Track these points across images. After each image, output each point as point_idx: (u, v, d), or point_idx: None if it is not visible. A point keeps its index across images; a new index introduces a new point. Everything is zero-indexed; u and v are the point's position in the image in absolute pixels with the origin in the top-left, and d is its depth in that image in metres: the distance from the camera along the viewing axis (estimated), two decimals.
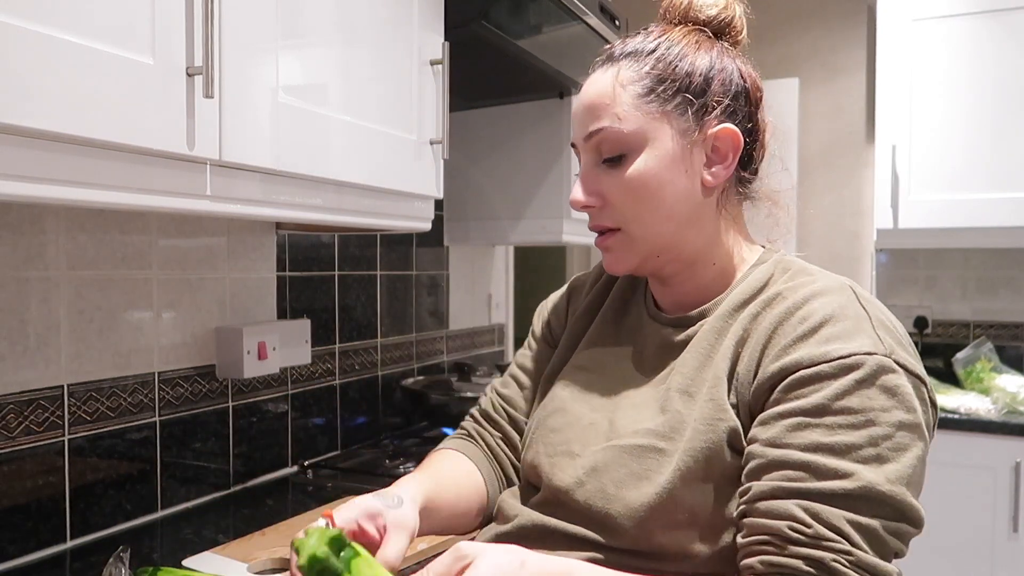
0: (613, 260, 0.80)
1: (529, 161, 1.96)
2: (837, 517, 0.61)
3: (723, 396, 0.70)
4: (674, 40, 0.77)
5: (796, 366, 0.66)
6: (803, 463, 0.63)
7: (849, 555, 0.60)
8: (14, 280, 1.05)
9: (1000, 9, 2.12)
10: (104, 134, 0.72)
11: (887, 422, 0.63)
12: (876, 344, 0.65)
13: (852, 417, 0.63)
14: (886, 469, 0.62)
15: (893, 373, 0.64)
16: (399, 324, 1.89)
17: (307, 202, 1.03)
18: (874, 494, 0.61)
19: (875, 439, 0.62)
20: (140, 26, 0.76)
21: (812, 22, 2.66)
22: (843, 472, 0.61)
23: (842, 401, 0.63)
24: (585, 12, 1.55)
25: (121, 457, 1.19)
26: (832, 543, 0.60)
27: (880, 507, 0.61)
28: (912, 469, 0.63)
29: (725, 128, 0.75)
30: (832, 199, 2.66)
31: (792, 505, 0.62)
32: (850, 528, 0.60)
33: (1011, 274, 2.42)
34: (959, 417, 2.00)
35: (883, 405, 0.63)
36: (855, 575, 0.59)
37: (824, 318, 0.67)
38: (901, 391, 0.64)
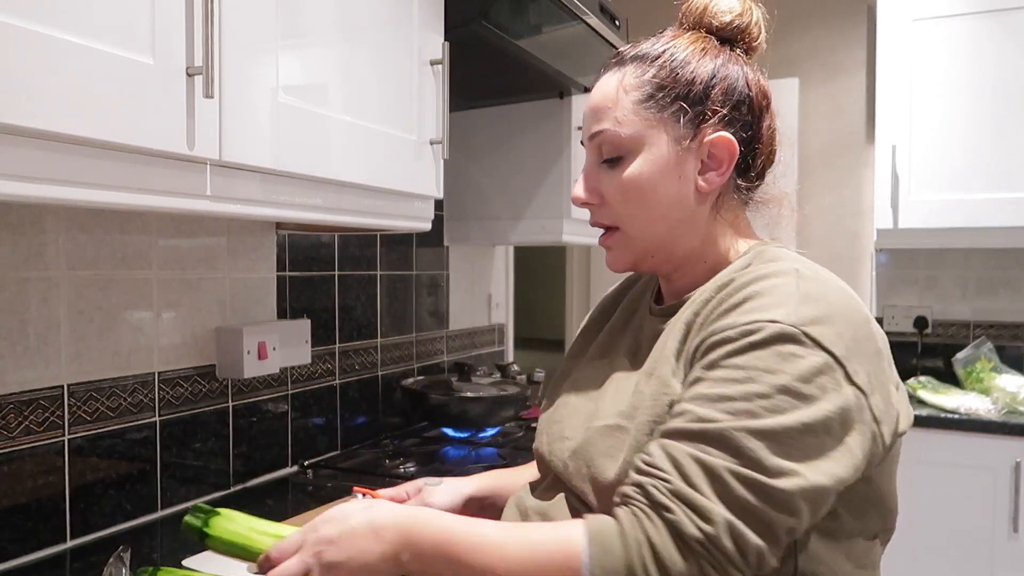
0: (612, 258, 0.84)
1: (529, 161, 1.96)
2: (680, 452, 0.63)
3: (667, 373, 0.73)
4: (680, 47, 0.79)
5: (710, 335, 0.68)
6: (681, 410, 0.66)
7: (667, 483, 0.61)
8: (14, 280, 1.05)
9: (1000, 9, 2.12)
10: (104, 134, 0.72)
11: (769, 383, 0.62)
12: (787, 315, 0.65)
13: (735, 372, 0.64)
14: (750, 424, 0.61)
15: (794, 343, 0.63)
16: (399, 324, 1.89)
17: (307, 202, 1.03)
18: (726, 438, 0.61)
19: (750, 395, 0.62)
20: (140, 26, 0.76)
21: (812, 22, 2.66)
22: (708, 417, 0.63)
23: (731, 359, 0.65)
24: (585, 12, 1.55)
25: (121, 457, 1.19)
26: (659, 472, 0.63)
27: (732, 452, 0.61)
28: (785, 431, 0.61)
29: (721, 136, 0.77)
30: (832, 199, 2.66)
31: (654, 443, 0.66)
32: (689, 462, 0.61)
33: (1011, 274, 2.42)
34: (959, 417, 2.00)
35: (769, 367, 0.63)
36: (665, 500, 0.61)
37: (749, 294, 0.69)
38: (795, 359, 0.63)
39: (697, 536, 0.59)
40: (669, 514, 0.60)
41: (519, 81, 1.79)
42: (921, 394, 2.17)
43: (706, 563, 0.59)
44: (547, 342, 3.86)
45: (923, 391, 2.18)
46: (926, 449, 2.01)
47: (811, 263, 0.76)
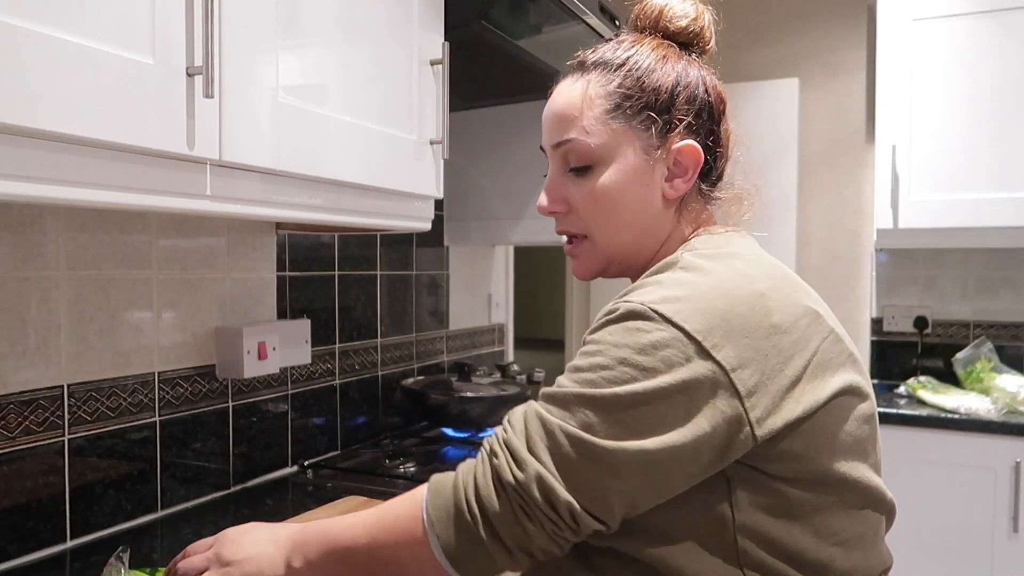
0: (578, 266, 0.85)
1: (529, 161, 1.96)
2: (531, 409, 0.69)
3: None
4: (643, 54, 0.79)
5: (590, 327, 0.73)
6: None
7: (505, 433, 0.69)
8: (14, 280, 1.05)
9: (1000, 9, 2.12)
10: (104, 134, 0.72)
11: (612, 356, 0.66)
12: (643, 296, 0.68)
13: (590, 346, 0.69)
14: (589, 390, 0.66)
15: (643, 319, 0.66)
16: (399, 324, 1.89)
17: (307, 202, 1.03)
18: (568, 400, 0.66)
19: (595, 366, 0.67)
20: (140, 26, 0.76)
21: (812, 22, 2.66)
22: (561, 384, 0.68)
23: (592, 335, 0.70)
24: (585, 12, 1.55)
25: (121, 457, 1.19)
26: (507, 424, 0.70)
27: (568, 414, 0.66)
28: (618, 400, 0.64)
29: (687, 144, 0.77)
30: (832, 199, 2.66)
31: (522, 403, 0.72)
32: (532, 417, 0.68)
33: (1011, 274, 2.42)
34: (959, 417, 2.00)
35: (615, 341, 0.67)
36: (497, 449, 0.68)
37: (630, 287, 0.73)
38: (641, 332, 0.65)
39: (510, 481, 0.65)
40: (495, 459, 0.67)
41: (519, 81, 1.79)
42: (921, 394, 2.17)
43: (518, 508, 0.65)
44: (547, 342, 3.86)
45: (923, 391, 2.18)
46: (926, 449, 2.02)
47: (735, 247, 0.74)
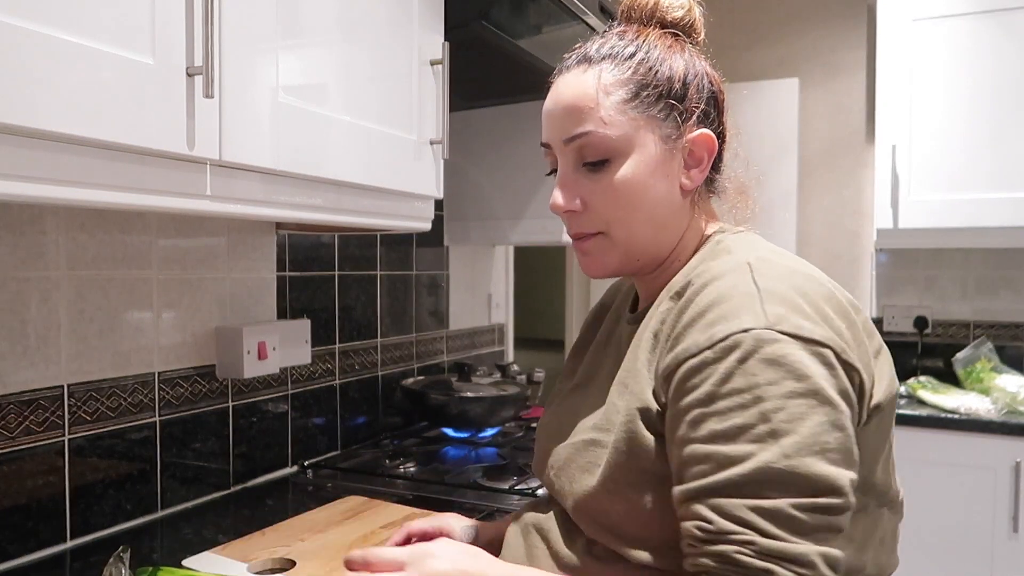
0: (591, 263, 0.80)
1: (529, 161, 1.96)
2: (738, 507, 0.60)
3: (642, 386, 0.71)
4: (651, 43, 0.78)
5: (685, 355, 0.66)
6: (704, 455, 0.62)
7: (752, 544, 0.59)
8: (14, 280, 1.05)
9: (1000, 9, 2.12)
10: (104, 134, 0.72)
11: (776, 395, 0.61)
12: (756, 319, 0.63)
13: (740, 398, 0.62)
14: (783, 444, 0.60)
15: (775, 344, 0.62)
16: (399, 324, 1.89)
17: (307, 202, 1.03)
18: (772, 474, 0.59)
19: (766, 415, 0.60)
20: (140, 26, 0.76)
21: (812, 22, 2.66)
22: (738, 457, 0.60)
23: (728, 384, 0.62)
24: (585, 12, 1.55)
25: (121, 457, 1.19)
26: (734, 535, 0.59)
27: (782, 487, 0.59)
28: (815, 437, 0.60)
29: (703, 134, 0.77)
30: (832, 199, 2.66)
31: (699, 505, 0.62)
32: (754, 515, 0.59)
33: (1011, 274, 2.42)
34: (959, 417, 2.00)
35: (769, 379, 0.61)
36: (761, 563, 0.58)
37: (710, 302, 0.67)
38: (787, 360, 0.61)
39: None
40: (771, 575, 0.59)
41: (519, 81, 1.79)
42: (921, 394, 2.17)
43: None
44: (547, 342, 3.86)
45: (923, 391, 2.18)
46: (926, 449, 2.01)
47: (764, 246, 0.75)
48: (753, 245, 0.75)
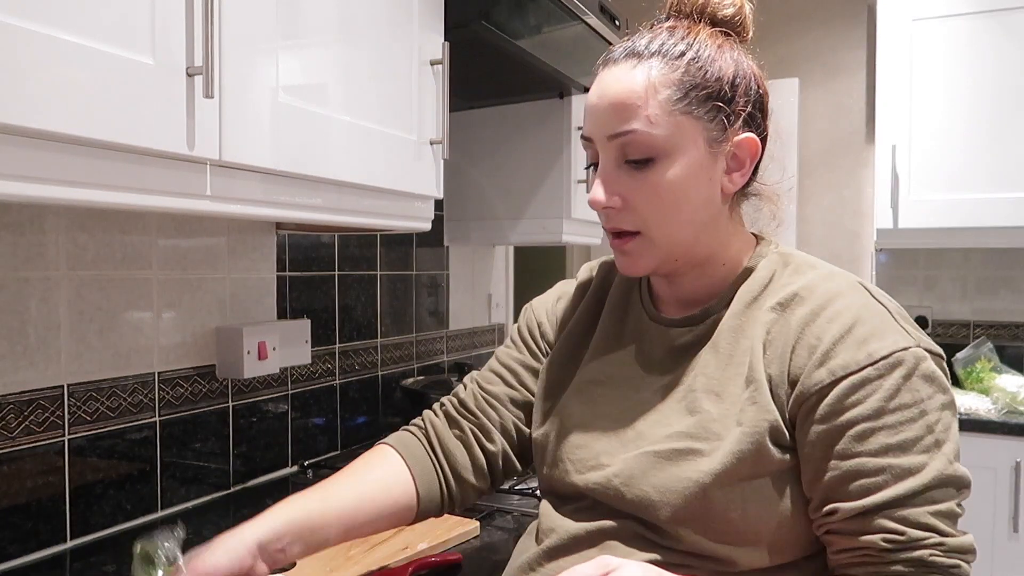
0: (631, 263, 0.79)
1: (529, 161, 1.96)
2: (923, 514, 0.65)
3: (766, 399, 0.71)
4: (702, 42, 0.76)
5: (843, 371, 0.68)
6: (878, 468, 0.66)
7: (941, 545, 0.65)
8: (14, 280, 1.05)
9: (1000, 9, 2.12)
10: (104, 134, 0.72)
11: (935, 407, 0.68)
12: (906, 337, 0.69)
13: (908, 412, 0.67)
14: (945, 451, 0.67)
15: (926, 361, 0.69)
16: (399, 324, 1.89)
17: (307, 202, 1.03)
18: (945, 479, 0.66)
19: (931, 426, 0.67)
20: (140, 26, 0.76)
21: (812, 22, 2.66)
22: (915, 467, 0.66)
23: (896, 399, 0.67)
24: (585, 12, 1.55)
25: (121, 457, 1.19)
26: (925, 540, 0.65)
27: (950, 489, 0.67)
28: (957, 442, 0.69)
29: (748, 137, 0.76)
30: (832, 199, 2.66)
31: (883, 518, 0.66)
32: (935, 519, 0.65)
33: (1011, 274, 2.42)
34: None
35: (928, 393, 0.68)
36: (950, 561, 0.65)
37: (853, 320, 0.70)
38: (936, 375, 0.69)
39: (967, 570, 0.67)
40: (958, 570, 0.66)
41: (519, 81, 1.79)
42: None
43: None
44: None
45: None
46: None
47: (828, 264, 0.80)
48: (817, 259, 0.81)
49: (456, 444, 0.91)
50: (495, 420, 0.92)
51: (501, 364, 0.96)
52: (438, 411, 0.95)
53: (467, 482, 0.90)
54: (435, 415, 0.95)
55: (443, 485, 0.90)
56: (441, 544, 1.11)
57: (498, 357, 0.97)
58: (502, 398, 0.93)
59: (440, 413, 0.95)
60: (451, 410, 0.94)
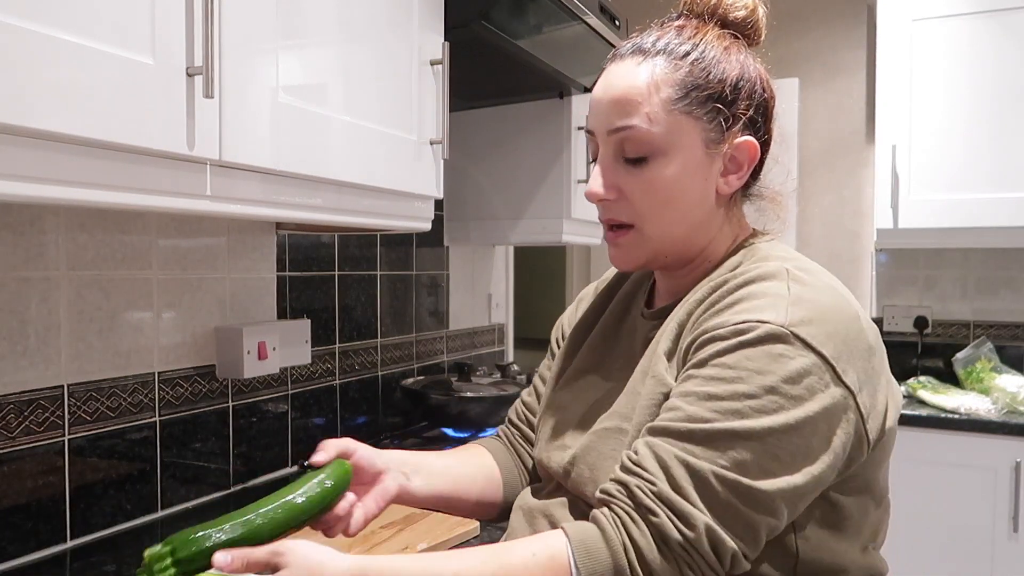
0: (621, 255, 0.80)
1: (529, 161, 1.96)
2: (667, 452, 0.63)
3: (662, 371, 0.73)
4: (709, 43, 0.76)
5: (702, 333, 0.69)
6: (670, 406, 0.67)
7: (653, 485, 0.62)
8: (14, 280, 1.05)
9: (1000, 9, 2.12)
10: (104, 134, 0.72)
11: (757, 384, 0.63)
12: (777, 316, 0.65)
13: (725, 371, 0.65)
14: (739, 423, 0.62)
15: (784, 343, 0.64)
16: (399, 324, 1.89)
17: (307, 202, 1.03)
18: (713, 437, 0.62)
19: (738, 394, 0.63)
20: (140, 26, 0.76)
21: (812, 22, 2.66)
22: (697, 416, 0.64)
23: (721, 357, 0.65)
24: (585, 12, 1.55)
25: (121, 457, 1.19)
26: (645, 472, 0.63)
27: (716, 454, 0.62)
28: (770, 432, 0.62)
29: (747, 141, 0.76)
30: (832, 199, 2.66)
31: (641, 441, 0.66)
32: (675, 463, 0.62)
33: (1011, 274, 2.42)
34: (959, 417, 2.00)
35: (759, 368, 0.63)
36: (650, 503, 0.62)
37: (741, 296, 0.69)
38: (785, 359, 0.63)
39: (679, 540, 0.61)
40: (654, 517, 0.61)
41: (519, 81, 1.79)
42: (921, 394, 2.17)
43: (685, 565, 0.61)
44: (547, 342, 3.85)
45: (923, 391, 2.18)
46: (926, 449, 2.01)
47: (802, 259, 0.76)
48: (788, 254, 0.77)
49: (523, 450, 0.98)
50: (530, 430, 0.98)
51: (538, 376, 1.01)
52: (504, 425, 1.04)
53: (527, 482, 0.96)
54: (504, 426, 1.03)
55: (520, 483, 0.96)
56: (441, 544, 1.11)
57: (538, 371, 1.02)
58: (535, 408, 0.98)
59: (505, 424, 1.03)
60: (507, 423, 1.02)
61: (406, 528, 1.17)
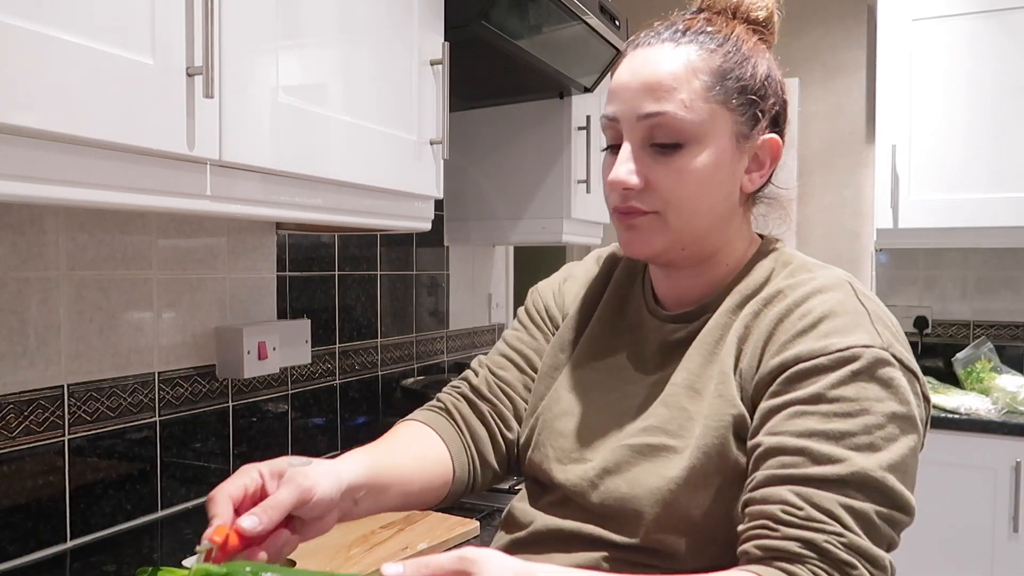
0: (637, 240, 0.76)
1: (529, 161, 1.96)
2: (830, 501, 0.61)
3: (732, 392, 0.71)
4: (741, 38, 0.75)
5: (795, 360, 0.67)
6: (798, 448, 0.63)
7: (841, 536, 0.60)
8: (14, 280, 1.05)
9: (1000, 9, 2.12)
10: (104, 134, 0.72)
11: (881, 412, 0.64)
12: (874, 338, 0.66)
13: (847, 405, 0.64)
14: (879, 457, 0.62)
15: (889, 366, 0.65)
16: (399, 324, 1.89)
17: (307, 202, 1.03)
18: (867, 479, 0.61)
19: (869, 427, 0.63)
20: (140, 26, 0.76)
21: (812, 22, 2.66)
22: (836, 457, 0.62)
23: (838, 390, 0.64)
24: (585, 12, 1.55)
25: (121, 457, 1.19)
26: (824, 524, 0.60)
27: (873, 493, 0.62)
28: (903, 459, 0.63)
29: (773, 138, 0.76)
30: (832, 199, 2.66)
31: (785, 490, 0.62)
32: (843, 511, 0.61)
33: (1011, 274, 2.42)
34: (959, 417, 2.00)
35: (878, 395, 0.64)
36: (847, 556, 0.59)
37: (823, 314, 0.68)
38: (896, 383, 0.65)
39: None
40: (854, 570, 0.60)
41: (519, 81, 1.79)
42: None
43: None
44: None
45: None
46: (926, 449, 2.00)
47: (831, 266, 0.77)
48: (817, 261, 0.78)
49: (480, 428, 0.88)
50: (509, 407, 0.90)
51: (511, 348, 0.93)
52: (455, 395, 0.92)
53: (490, 467, 0.88)
54: (455, 399, 0.91)
55: (471, 467, 0.87)
56: (441, 544, 1.11)
57: (507, 341, 0.94)
58: (515, 384, 0.91)
59: (459, 397, 0.92)
60: (468, 394, 0.91)
61: (406, 528, 1.17)
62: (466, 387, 0.92)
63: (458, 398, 0.92)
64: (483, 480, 0.89)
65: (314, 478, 0.67)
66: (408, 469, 0.80)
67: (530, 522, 0.80)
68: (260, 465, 0.69)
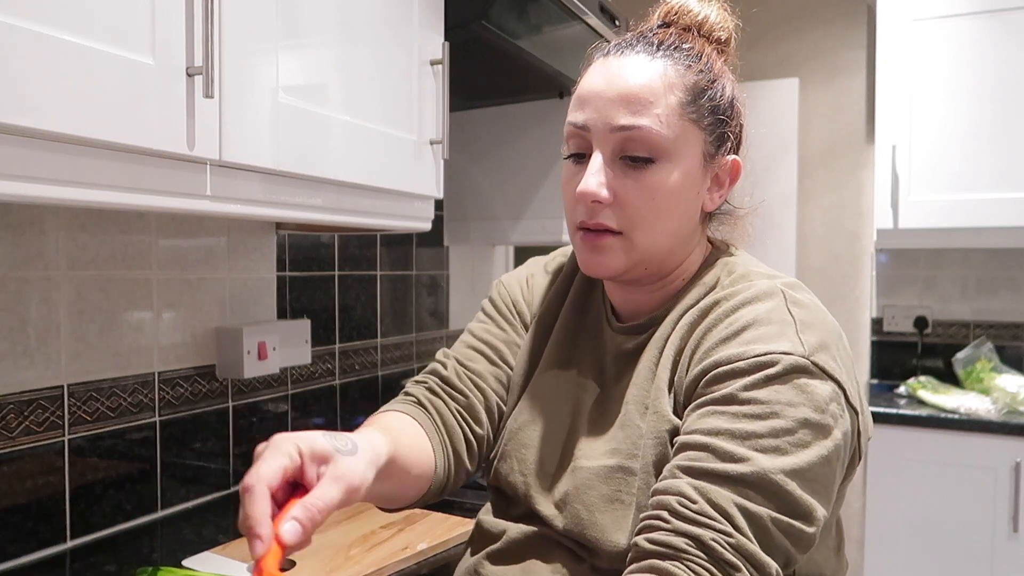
0: (601, 261, 0.75)
1: (529, 161, 1.96)
2: (725, 499, 0.60)
3: (665, 407, 0.71)
4: (710, 56, 0.75)
5: (715, 364, 0.67)
6: (702, 444, 0.63)
7: (730, 537, 0.59)
8: (14, 280, 1.05)
9: (1000, 9, 2.12)
10: (104, 134, 0.72)
11: (792, 417, 0.62)
12: (795, 346, 0.65)
13: (757, 407, 0.63)
14: (783, 460, 0.61)
15: (807, 375, 0.64)
16: (399, 324, 1.90)
17: (307, 202, 1.03)
18: (766, 481, 0.60)
19: (776, 431, 0.62)
20: (140, 26, 0.76)
21: (812, 22, 2.65)
22: (739, 456, 0.61)
23: (750, 392, 0.63)
24: (585, 12, 1.55)
25: (121, 457, 1.19)
26: (714, 522, 0.59)
27: (771, 497, 0.60)
28: (811, 466, 0.61)
29: (735, 160, 0.77)
30: (832, 199, 2.66)
31: (684, 483, 0.62)
32: (736, 511, 0.60)
33: (1011, 274, 2.42)
34: (959, 417, 2.00)
35: (790, 400, 0.63)
36: (732, 557, 0.58)
37: (747, 322, 0.68)
38: (811, 391, 0.63)
39: None
40: (737, 572, 0.58)
41: (519, 81, 1.79)
42: (921, 394, 2.17)
43: None
44: None
45: (923, 391, 2.18)
46: (926, 449, 2.01)
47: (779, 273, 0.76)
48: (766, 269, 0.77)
49: (454, 424, 0.84)
50: (480, 400, 0.86)
51: (480, 340, 0.90)
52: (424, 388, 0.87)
53: (463, 465, 0.84)
54: (426, 393, 0.86)
55: (448, 466, 0.82)
56: (441, 544, 1.11)
57: (474, 333, 0.91)
58: (486, 376, 0.87)
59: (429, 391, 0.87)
60: (436, 388, 0.87)
61: (406, 528, 1.17)
62: (435, 380, 0.88)
63: (429, 392, 0.87)
64: (455, 481, 0.84)
65: (362, 473, 0.62)
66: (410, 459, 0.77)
67: (502, 532, 0.79)
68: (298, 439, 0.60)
